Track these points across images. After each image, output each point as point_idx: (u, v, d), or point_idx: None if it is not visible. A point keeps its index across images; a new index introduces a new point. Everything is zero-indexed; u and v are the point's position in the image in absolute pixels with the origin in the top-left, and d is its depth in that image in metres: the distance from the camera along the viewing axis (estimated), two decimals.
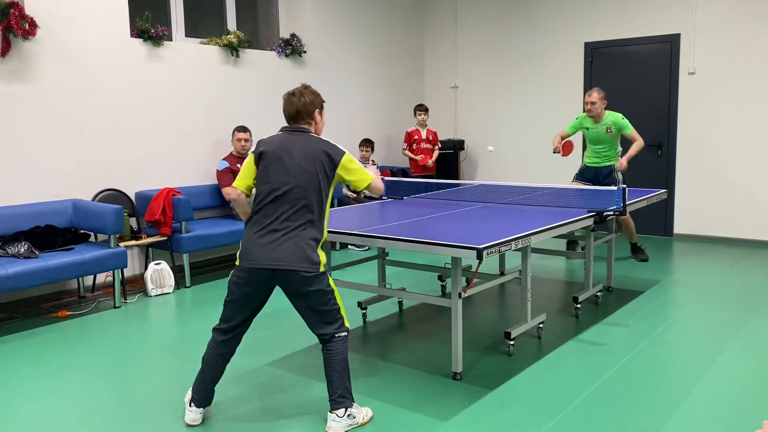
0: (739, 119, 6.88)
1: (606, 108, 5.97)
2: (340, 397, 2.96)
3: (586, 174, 6.23)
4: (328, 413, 2.97)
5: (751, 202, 6.89)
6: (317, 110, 3.08)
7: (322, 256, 2.95)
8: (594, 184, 6.01)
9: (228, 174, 6.16)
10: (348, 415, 2.96)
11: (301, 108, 3.03)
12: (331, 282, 2.99)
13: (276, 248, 2.87)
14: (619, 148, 6.09)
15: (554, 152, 6.03)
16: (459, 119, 8.90)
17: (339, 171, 3.00)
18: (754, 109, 6.79)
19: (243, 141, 6.23)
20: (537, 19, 8.10)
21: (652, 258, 6.41)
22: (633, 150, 5.87)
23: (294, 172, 2.92)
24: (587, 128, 6.04)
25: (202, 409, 3.07)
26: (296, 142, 2.98)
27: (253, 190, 3.08)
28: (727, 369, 3.61)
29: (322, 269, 2.92)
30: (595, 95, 5.87)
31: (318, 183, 2.94)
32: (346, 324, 3.04)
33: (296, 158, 2.94)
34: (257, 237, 2.92)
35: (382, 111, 8.53)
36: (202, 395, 3.07)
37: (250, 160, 3.07)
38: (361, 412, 3.04)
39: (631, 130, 5.89)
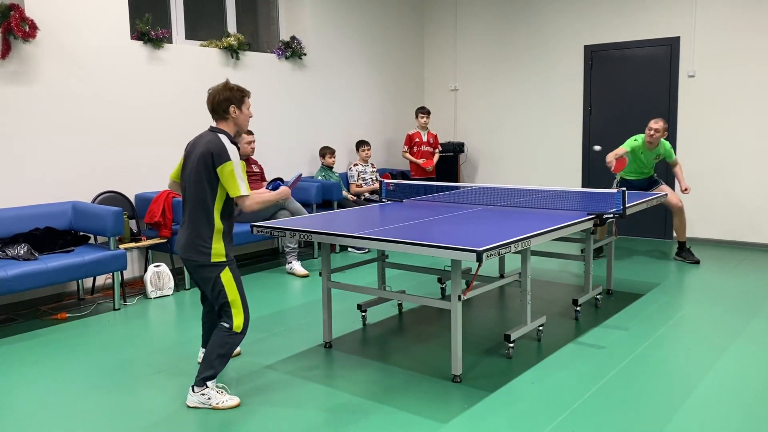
0: (738, 122, 6.88)
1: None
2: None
3: (640, 183, 6.38)
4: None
5: (751, 205, 6.89)
6: (232, 106, 3.30)
7: (217, 248, 3.24)
8: (645, 188, 6.36)
9: None
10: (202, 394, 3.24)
11: (216, 105, 3.29)
12: (224, 274, 3.24)
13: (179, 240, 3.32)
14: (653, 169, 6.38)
15: (607, 166, 6.07)
16: (459, 122, 8.91)
17: (218, 171, 3.18)
18: (754, 112, 6.79)
19: (252, 143, 6.27)
20: (537, 21, 8.11)
21: (652, 261, 6.41)
22: (679, 175, 6.30)
23: (187, 171, 3.26)
24: (642, 152, 6.16)
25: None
26: (202, 140, 3.27)
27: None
28: (728, 372, 3.61)
29: (213, 259, 3.23)
30: (661, 125, 6.03)
31: (201, 179, 3.18)
32: (235, 320, 3.26)
33: (192, 158, 3.26)
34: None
35: (382, 113, 8.53)
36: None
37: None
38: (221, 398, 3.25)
39: (674, 158, 6.28)
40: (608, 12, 7.57)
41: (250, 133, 6.33)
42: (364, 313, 4.56)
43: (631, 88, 7.48)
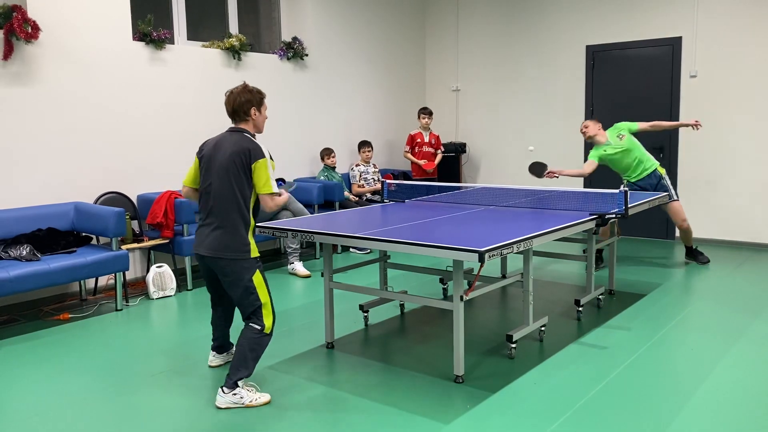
0: (740, 122, 6.87)
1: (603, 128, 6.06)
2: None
3: (638, 188, 6.08)
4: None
5: (753, 205, 6.88)
6: (253, 107, 3.35)
7: (252, 243, 3.30)
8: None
9: None
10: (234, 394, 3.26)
11: (237, 107, 3.33)
12: (255, 277, 3.28)
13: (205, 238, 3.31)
14: (652, 157, 6.04)
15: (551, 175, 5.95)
16: (460, 122, 8.90)
17: (253, 167, 3.25)
18: (756, 112, 6.78)
19: None
20: (538, 22, 8.10)
21: (654, 261, 6.40)
22: (668, 124, 6.02)
23: (214, 171, 3.26)
24: (604, 150, 5.95)
25: (220, 355, 3.79)
26: (226, 140, 3.30)
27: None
28: (730, 372, 3.60)
29: (252, 255, 3.27)
30: (583, 125, 6.05)
31: (237, 176, 3.22)
32: (266, 321, 3.32)
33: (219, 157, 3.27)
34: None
35: (384, 114, 8.54)
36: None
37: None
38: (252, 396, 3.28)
39: (637, 124, 5.95)
40: (610, 12, 7.57)
41: None
42: (366, 314, 4.56)
43: (633, 88, 7.47)
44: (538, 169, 6.01)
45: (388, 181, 5.30)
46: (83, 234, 5.22)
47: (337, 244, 3.68)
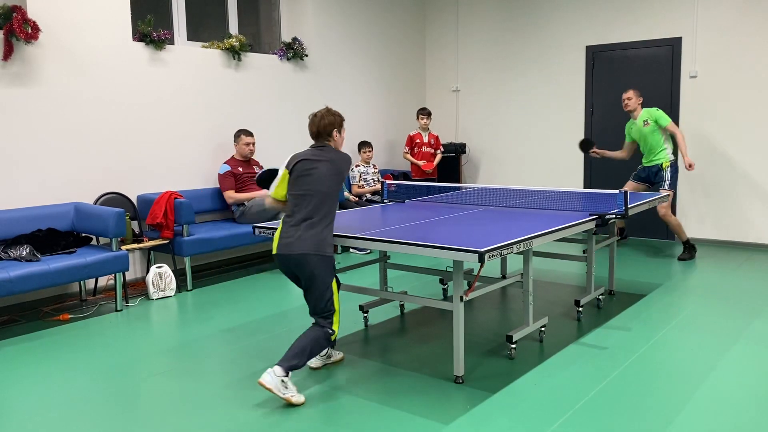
0: (740, 122, 6.88)
1: (642, 105, 6.53)
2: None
3: (641, 173, 6.63)
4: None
5: (753, 205, 6.88)
6: (335, 130, 3.57)
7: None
8: (647, 183, 6.58)
9: (230, 177, 6.17)
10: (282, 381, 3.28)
11: (322, 129, 3.54)
12: (333, 284, 3.46)
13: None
14: (668, 149, 6.43)
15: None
16: (460, 122, 8.91)
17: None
18: (756, 112, 6.78)
19: (251, 145, 6.29)
20: (538, 22, 8.10)
21: (654, 262, 6.40)
22: (680, 144, 6.27)
23: (315, 178, 3.46)
24: (633, 126, 6.56)
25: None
26: (321, 154, 3.52)
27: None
28: (730, 373, 3.60)
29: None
30: (630, 93, 6.49)
31: (337, 183, 3.53)
32: (335, 328, 3.48)
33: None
34: None
35: (384, 114, 8.54)
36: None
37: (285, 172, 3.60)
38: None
39: (667, 123, 6.32)
40: (610, 12, 7.57)
41: (249, 134, 6.34)
42: (365, 314, 4.56)
43: (632, 88, 7.46)
44: (585, 146, 6.87)
45: (388, 181, 5.30)
46: (83, 234, 5.22)
47: (337, 244, 3.68)
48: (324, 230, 3.42)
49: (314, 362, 3.77)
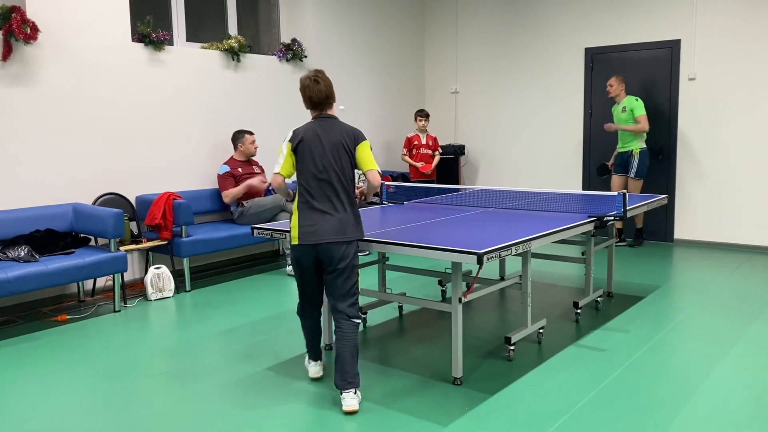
0: (739, 124, 6.88)
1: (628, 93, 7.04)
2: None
3: (618, 161, 7.11)
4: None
5: (752, 207, 6.89)
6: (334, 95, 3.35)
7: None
8: (626, 173, 7.00)
9: (229, 178, 6.17)
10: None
11: (330, 93, 3.29)
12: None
13: None
14: (640, 138, 6.91)
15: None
16: (459, 124, 8.91)
17: (357, 149, 3.31)
18: (754, 115, 6.79)
19: (255, 143, 6.37)
20: (537, 24, 8.11)
21: (653, 263, 6.40)
22: (628, 127, 6.85)
23: (327, 156, 3.26)
24: (614, 109, 7.07)
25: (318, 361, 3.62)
26: (328, 128, 3.28)
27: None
28: (728, 375, 3.61)
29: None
30: (613, 79, 6.96)
31: (349, 160, 3.31)
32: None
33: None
34: None
35: (383, 116, 8.54)
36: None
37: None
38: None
39: (639, 114, 6.81)
40: (609, 14, 7.58)
41: (252, 133, 6.36)
42: (364, 315, 4.56)
43: (631, 90, 7.46)
44: (602, 171, 7.32)
45: (387, 183, 5.30)
46: (82, 235, 5.22)
47: None
48: (352, 210, 3.27)
49: (314, 371, 3.61)
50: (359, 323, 3.31)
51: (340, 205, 3.23)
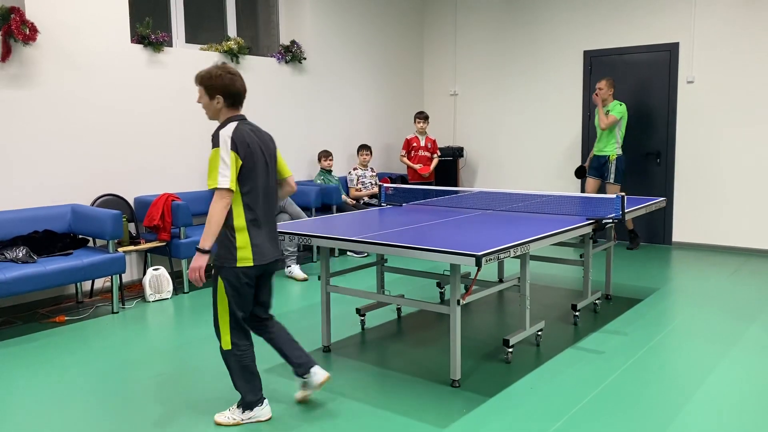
0: (737, 127, 6.89)
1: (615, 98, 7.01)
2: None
3: (594, 164, 7.12)
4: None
5: (750, 210, 6.90)
6: None
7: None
8: (601, 177, 7.06)
9: None
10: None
11: (244, 92, 3.17)
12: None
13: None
14: (618, 143, 6.95)
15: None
16: (458, 126, 8.92)
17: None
18: (753, 118, 6.80)
19: None
20: (536, 27, 8.12)
21: (651, 266, 6.41)
22: (602, 113, 6.86)
23: (270, 167, 3.12)
24: (597, 113, 7.03)
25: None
26: (261, 134, 3.15)
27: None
28: (726, 377, 3.61)
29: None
30: (603, 83, 6.92)
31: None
32: None
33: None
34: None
35: (382, 118, 8.54)
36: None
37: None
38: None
39: (614, 113, 6.81)
40: (608, 18, 7.59)
41: None
42: (362, 317, 4.56)
43: (630, 93, 7.49)
44: (579, 173, 7.15)
45: (385, 185, 5.31)
46: (80, 236, 5.21)
47: (334, 247, 3.68)
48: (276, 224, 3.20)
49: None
50: None
51: (275, 218, 3.13)
